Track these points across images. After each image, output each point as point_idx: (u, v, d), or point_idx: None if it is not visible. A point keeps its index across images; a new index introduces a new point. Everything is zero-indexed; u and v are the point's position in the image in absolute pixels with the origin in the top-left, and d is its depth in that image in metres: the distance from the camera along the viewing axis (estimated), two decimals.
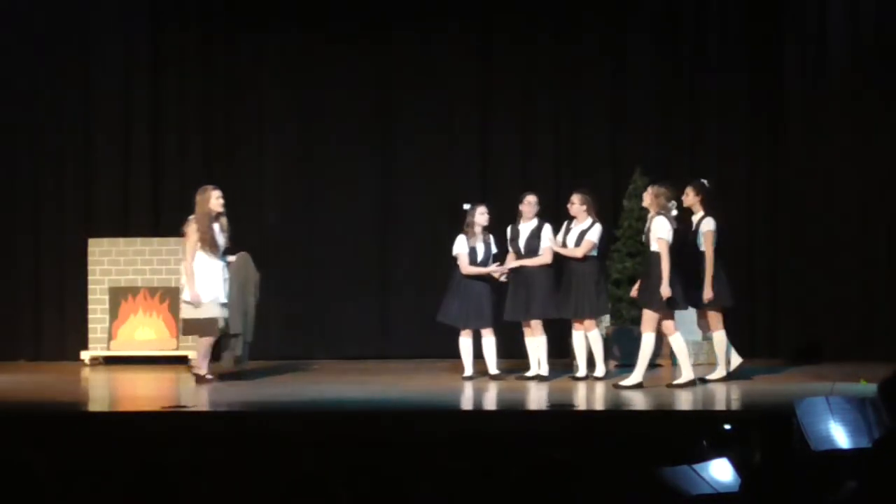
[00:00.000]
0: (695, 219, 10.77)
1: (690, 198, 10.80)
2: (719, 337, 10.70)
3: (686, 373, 10.31)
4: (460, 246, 11.16)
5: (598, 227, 10.88)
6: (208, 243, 10.82)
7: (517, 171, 13.17)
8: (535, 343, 10.96)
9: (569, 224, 11.02)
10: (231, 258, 11.06)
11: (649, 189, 10.61)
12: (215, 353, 11.06)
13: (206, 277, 10.81)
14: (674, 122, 13.28)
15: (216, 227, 10.91)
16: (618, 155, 13.11)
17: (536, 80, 13.39)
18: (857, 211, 12.85)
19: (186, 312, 10.97)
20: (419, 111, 13.42)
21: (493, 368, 11.13)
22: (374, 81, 13.46)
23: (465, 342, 11.13)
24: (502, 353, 11.31)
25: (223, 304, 10.84)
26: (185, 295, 10.92)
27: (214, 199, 10.93)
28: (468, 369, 11.10)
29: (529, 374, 11.00)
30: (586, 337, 10.88)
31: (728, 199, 12.65)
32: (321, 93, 13.47)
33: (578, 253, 10.74)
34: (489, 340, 11.12)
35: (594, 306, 10.79)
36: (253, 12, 13.50)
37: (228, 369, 11.08)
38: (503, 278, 11.05)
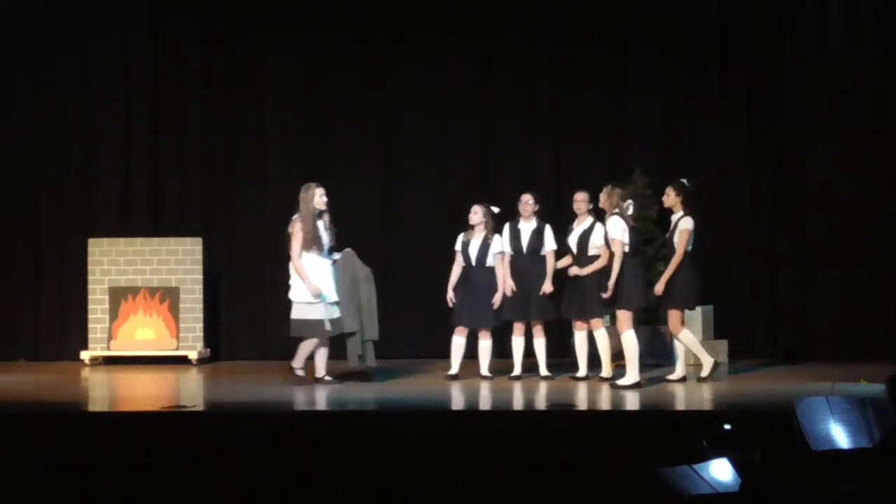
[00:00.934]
0: (674, 218, 10.77)
1: (671, 198, 10.79)
2: (686, 336, 10.63)
3: (632, 374, 10.31)
4: (457, 244, 11.21)
5: (601, 227, 10.81)
6: (313, 242, 10.67)
7: (517, 171, 13.17)
8: (538, 344, 10.94)
9: (570, 225, 10.98)
10: (336, 256, 10.92)
11: (604, 189, 10.62)
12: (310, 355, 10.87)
13: (313, 277, 10.66)
14: (674, 122, 13.28)
15: (320, 224, 10.79)
16: (618, 155, 13.10)
17: (537, 81, 13.39)
18: (856, 211, 12.85)
19: (297, 313, 10.76)
20: (419, 111, 13.42)
21: (484, 370, 11.12)
22: (375, 82, 13.47)
23: (458, 341, 11.12)
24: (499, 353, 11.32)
25: (335, 303, 10.73)
26: (293, 294, 10.75)
27: (318, 197, 10.77)
28: (454, 368, 11.09)
29: (516, 373, 10.98)
30: (590, 336, 10.87)
31: (728, 199, 12.67)
32: (321, 93, 13.48)
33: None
34: (485, 343, 11.12)
35: (600, 306, 10.69)
36: (253, 13, 13.51)
37: (354, 369, 10.96)
38: (451, 304, 11.06)
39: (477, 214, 11.13)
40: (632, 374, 10.29)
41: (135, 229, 13.32)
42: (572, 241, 10.85)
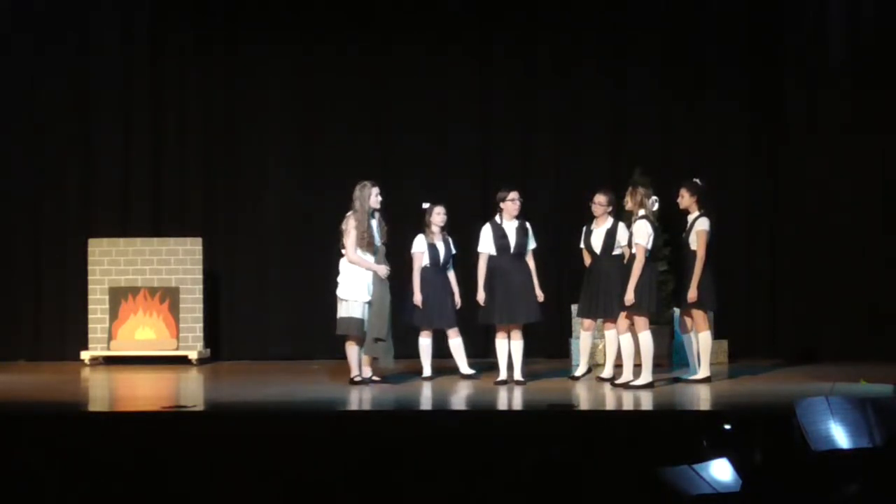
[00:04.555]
0: (690, 218, 10.74)
1: (686, 199, 10.75)
2: (704, 338, 10.64)
3: (646, 374, 10.32)
4: (418, 245, 11.13)
5: (624, 227, 10.74)
6: (365, 241, 10.61)
7: (517, 171, 13.15)
8: (515, 347, 10.79)
9: (588, 226, 10.90)
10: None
11: (630, 189, 10.55)
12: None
13: (360, 275, 10.61)
14: (674, 122, 13.28)
15: (373, 223, 10.72)
16: (618, 155, 13.10)
17: (536, 80, 13.39)
18: (856, 210, 12.85)
19: (343, 311, 10.63)
20: (419, 111, 13.43)
21: (464, 368, 11.12)
22: (375, 82, 13.47)
23: (425, 342, 11.10)
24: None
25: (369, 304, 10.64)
26: (341, 292, 10.64)
27: (374, 196, 10.68)
28: (427, 370, 11.08)
29: (502, 377, 10.81)
30: (592, 337, 10.91)
31: (728, 199, 12.67)
32: (321, 93, 13.48)
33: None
34: (456, 341, 11.10)
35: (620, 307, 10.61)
36: (253, 12, 13.51)
37: (381, 370, 10.87)
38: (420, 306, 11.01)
39: (440, 216, 11.09)
40: (646, 375, 10.28)
41: (135, 229, 13.32)
42: (595, 241, 10.73)
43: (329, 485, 7.06)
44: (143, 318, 12.99)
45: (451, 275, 11.15)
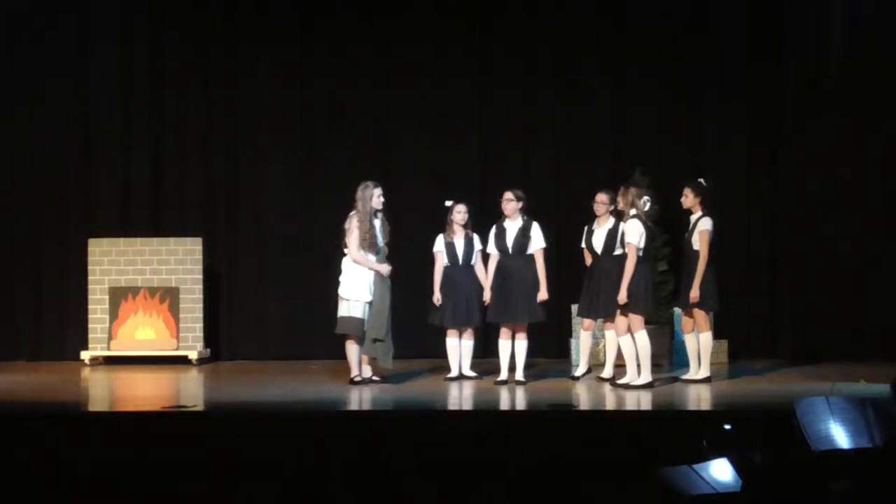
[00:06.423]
0: (692, 218, 10.74)
1: (690, 199, 10.75)
2: (706, 338, 10.64)
3: (645, 374, 10.32)
4: (437, 245, 11.14)
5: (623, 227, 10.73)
6: (368, 241, 10.64)
7: (517, 171, 13.15)
8: (518, 347, 10.81)
9: (590, 226, 10.91)
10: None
11: (622, 189, 10.54)
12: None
13: (362, 276, 10.64)
14: (674, 122, 13.28)
15: (376, 223, 10.74)
16: (618, 155, 13.10)
17: (536, 80, 13.40)
18: (856, 210, 12.85)
19: (344, 310, 10.69)
20: (419, 111, 13.43)
21: (466, 369, 11.12)
22: (375, 82, 13.47)
23: (453, 342, 11.10)
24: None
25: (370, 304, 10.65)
26: (343, 291, 10.68)
27: (376, 197, 10.70)
28: (454, 370, 11.08)
29: (502, 377, 10.83)
30: (600, 337, 10.90)
31: (728, 199, 12.66)
32: (321, 93, 13.48)
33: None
34: (469, 342, 11.11)
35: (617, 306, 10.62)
36: (253, 13, 13.52)
37: (381, 370, 10.87)
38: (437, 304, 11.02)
39: (460, 214, 11.09)
40: (645, 375, 10.28)
41: (135, 229, 13.32)
42: (597, 241, 10.74)
43: (329, 484, 7.07)
44: (143, 318, 13.00)
45: (479, 271, 11.06)
